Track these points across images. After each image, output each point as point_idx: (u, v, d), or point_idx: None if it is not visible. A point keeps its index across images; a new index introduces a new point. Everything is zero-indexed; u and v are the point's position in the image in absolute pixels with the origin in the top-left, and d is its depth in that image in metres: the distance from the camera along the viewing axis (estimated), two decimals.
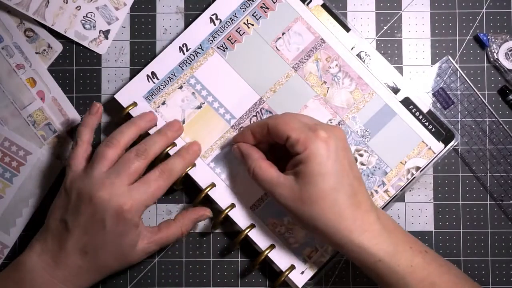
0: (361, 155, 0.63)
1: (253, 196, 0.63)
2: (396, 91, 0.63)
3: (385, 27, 0.66)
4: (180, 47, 0.63)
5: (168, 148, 0.62)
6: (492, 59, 0.65)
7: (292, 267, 0.62)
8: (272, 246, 0.62)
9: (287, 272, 0.61)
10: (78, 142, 0.59)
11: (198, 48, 0.63)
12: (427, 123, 0.63)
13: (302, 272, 0.62)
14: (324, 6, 0.63)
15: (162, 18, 0.66)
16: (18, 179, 0.65)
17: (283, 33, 0.63)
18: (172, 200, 0.65)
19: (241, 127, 0.63)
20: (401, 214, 0.65)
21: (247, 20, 0.64)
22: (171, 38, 0.66)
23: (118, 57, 0.66)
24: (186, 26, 0.65)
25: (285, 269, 0.62)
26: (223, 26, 0.63)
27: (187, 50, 0.63)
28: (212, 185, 0.62)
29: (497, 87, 0.65)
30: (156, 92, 0.63)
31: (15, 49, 0.65)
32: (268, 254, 0.62)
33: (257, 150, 0.59)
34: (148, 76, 0.63)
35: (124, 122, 0.63)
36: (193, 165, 0.62)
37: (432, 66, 0.65)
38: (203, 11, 0.64)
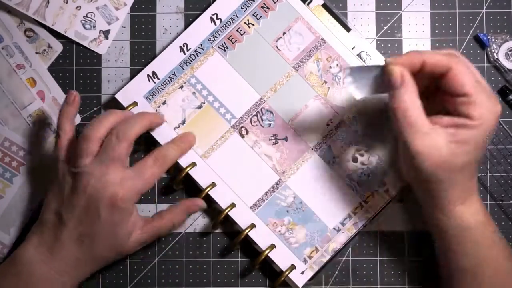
0: (362, 155, 0.63)
1: (254, 196, 0.63)
2: None
3: (385, 27, 0.66)
4: (180, 46, 0.63)
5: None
6: (492, 59, 0.65)
7: (292, 267, 0.62)
8: (272, 246, 0.62)
9: (287, 272, 0.61)
10: (60, 134, 0.59)
11: (199, 47, 0.63)
12: None
13: (302, 272, 0.62)
14: (324, 6, 0.63)
15: (162, 18, 0.66)
16: (18, 179, 0.65)
17: (284, 33, 0.63)
18: (172, 200, 0.65)
19: (242, 127, 0.63)
20: (401, 214, 0.65)
21: (248, 20, 0.64)
22: (171, 38, 0.66)
23: (118, 57, 0.66)
24: (186, 26, 0.65)
25: (285, 269, 0.62)
26: (224, 25, 0.63)
27: (187, 50, 0.63)
28: (212, 185, 0.62)
29: (497, 87, 0.65)
30: (157, 92, 0.63)
31: (15, 49, 0.65)
32: (268, 254, 0.62)
33: (415, 84, 0.53)
34: (148, 75, 0.63)
35: None
36: (193, 164, 0.62)
37: None
38: (203, 11, 0.64)
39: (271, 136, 0.63)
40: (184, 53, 0.64)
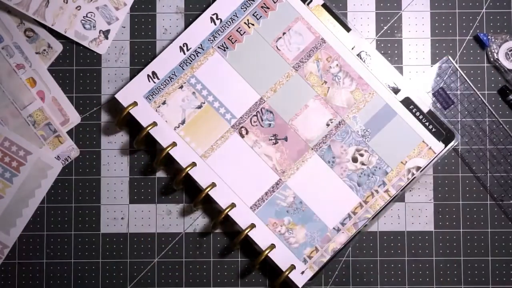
0: (362, 155, 0.63)
1: (254, 196, 0.63)
2: (396, 91, 0.63)
3: (385, 27, 0.66)
4: (180, 46, 0.63)
5: (169, 148, 0.62)
6: (492, 59, 0.65)
7: (292, 267, 0.62)
8: (272, 246, 0.62)
9: (287, 272, 0.61)
10: None
11: (199, 47, 0.63)
12: (427, 123, 0.63)
13: (302, 272, 0.62)
14: (324, 6, 0.63)
15: (162, 18, 0.66)
16: (18, 179, 0.65)
17: (284, 33, 0.63)
18: (172, 200, 0.65)
19: (242, 127, 0.63)
20: (401, 214, 0.65)
21: (248, 20, 0.64)
22: (171, 38, 0.66)
23: (118, 57, 0.66)
24: (186, 26, 0.65)
25: (285, 269, 0.62)
26: (224, 25, 0.63)
27: (187, 50, 0.63)
28: (212, 185, 0.62)
29: (497, 87, 0.65)
30: (157, 92, 0.63)
31: (15, 49, 0.65)
32: (268, 254, 0.62)
33: None
34: (148, 75, 0.63)
35: (124, 122, 0.63)
36: (193, 164, 0.62)
37: (432, 66, 0.65)
38: (203, 11, 0.64)
39: (271, 136, 0.63)
40: (184, 53, 0.64)
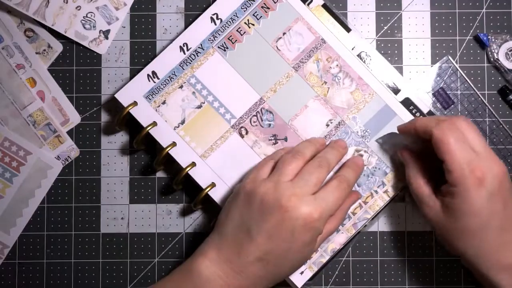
0: (361, 156, 0.63)
1: None
2: (396, 91, 0.63)
3: (385, 27, 0.66)
4: (180, 46, 0.63)
5: (169, 148, 0.62)
6: (492, 59, 0.65)
7: None
8: None
9: None
10: (297, 156, 0.58)
11: (199, 47, 0.63)
12: None
13: (302, 272, 0.62)
14: (324, 6, 0.63)
15: (162, 18, 0.66)
16: (18, 179, 0.65)
17: (284, 33, 0.63)
18: (172, 200, 0.65)
19: (242, 127, 0.63)
20: (401, 214, 0.65)
21: (248, 20, 0.64)
22: (171, 38, 0.66)
23: (118, 57, 0.66)
24: (186, 26, 0.65)
25: None
26: (224, 25, 0.63)
27: (187, 50, 0.63)
28: (212, 185, 0.62)
29: (497, 87, 0.65)
30: (157, 92, 0.63)
31: (15, 49, 0.65)
32: None
33: (417, 161, 0.58)
34: (148, 75, 0.63)
35: (123, 121, 0.63)
36: (192, 165, 0.62)
37: (432, 66, 0.65)
38: (203, 11, 0.64)
39: (271, 136, 0.63)
40: (184, 53, 0.63)
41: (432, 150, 0.55)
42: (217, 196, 0.62)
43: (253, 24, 0.64)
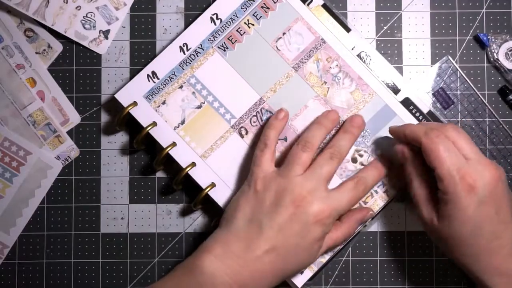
0: (361, 156, 0.63)
1: None
2: (396, 91, 0.63)
3: (385, 27, 0.66)
4: (180, 46, 0.63)
5: (169, 148, 0.62)
6: (492, 59, 0.65)
7: None
8: None
9: None
10: (267, 144, 0.59)
11: (199, 47, 0.63)
12: None
13: (302, 272, 0.62)
14: (324, 6, 0.63)
15: (162, 18, 0.66)
16: (18, 179, 0.65)
17: (284, 33, 0.63)
18: (172, 200, 0.65)
19: (241, 127, 0.63)
20: (401, 214, 0.65)
21: (248, 20, 0.64)
22: (171, 38, 0.66)
23: (118, 57, 0.66)
24: (186, 26, 0.65)
25: None
26: (224, 25, 0.63)
27: (187, 50, 0.63)
28: (212, 185, 0.62)
29: (497, 87, 0.65)
30: (157, 92, 0.63)
31: (15, 49, 0.65)
32: None
33: (416, 158, 0.57)
34: (148, 75, 0.63)
35: (123, 122, 0.64)
36: (192, 165, 0.62)
37: (432, 66, 0.65)
38: (203, 11, 0.64)
39: None
40: (184, 53, 0.63)
41: None
42: (217, 196, 0.62)
43: (253, 24, 0.64)
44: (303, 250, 0.55)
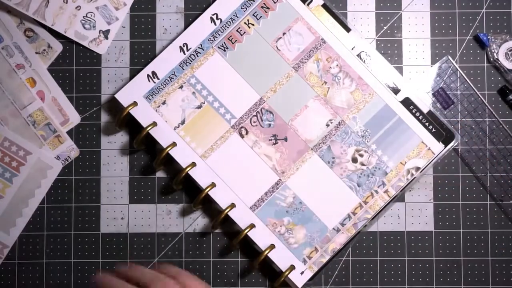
0: (361, 156, 0.63)
1: (253, 196, 0.63)
2: (396, 91, 0.63)
3: (385, 27, 0.66)
4: (180, 46, 0.63)
5: (169, 148, 0.62)
6: (492, 59, 0.65)
7: (292, 267, 0.62)
8: (272, 246, 0.62)
9: (287, 272, 0.61)
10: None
11: (199, 47, 0.63)
12: (427, 124, 0.63)
13: (302, 273, 0.62)
14: (324, 6, 0.63)
15: (162, 18, 0.66)
16: (18, 179, 0.65)
17: (284, 33, 0.63)
18: (172, 200, 0.65)
19: (242, 127, 0.63)
20: (401, 214, 0.65)
21: (248, 20, 0.64)
22: (171, 38, 0.66)
23: (118, 57, 0.66)
24: (186, 26, 0.65)
25: (285, 269, 0.62)
26: (224, 26, 0.63)
27: (187, 50, 0.63)
28: (212, 185, 0.62)
29: (497, 87, 0.65)
30: (157, 92, 0.63)
31: (15, 49, 0.65)
32: (268, 254, 0.62)
33: None
34: (148, 75, 0.63)
35: (123, 122, 0.64)
36: (193, 165, 0.62)
37: (432, 66, 0.65)
38: (203, 11, 0.64)
39: (271, 137, 0.63)
40: (184, 53, 0.63)
41: None
42: (217, 196, 0.62)
43: (253, 24, 0.64)
44: None
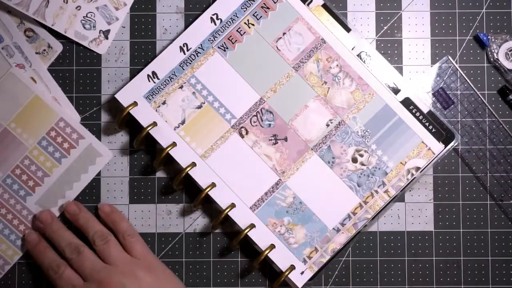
0: (361, 156, 0.63)
1: (253, 196, 0.63)
2: (396, 91, 0.63)
3: (385, 27, 0.66)
4: (180, 46, 0.63)
5: (169, 148, 0.62)
6: (492, 59, 0.65)
7: (292, 267, 0.62)
8: (272, 246, 0.62)
9: (287, 272, 0.61)
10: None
11: (199, 47, 0.63)
12: (427, 124, 0.63)
13: (302, 273, 0.62)
14: (324, 6, 0.63)
15: (162, 18, 0.66)
16: (67, 161, 0.65)
17: (284, 33, 0.63)
18: (172, 200, 0.65)
19: (242, 127, 0.63)
20: (401, 214, 0.65)
21: (248, 20, 0.64)
22: (171, 38, 0.66)
23: (118, 57, 0.66)
24: (186, 26, 0.65)
25: (285, 269, 0.62)
26: (224, 26, 0.63)
27: (187, 50, 0.63)
28: (212, 185, 0.62)
29: (497, 87, 0.65)
30: (157, 92, 0.63)
31: (15, 49, 0.65)
32: (268, 254, 0.62)
33: None
34: (148, 75, 0.63)
35: (123, 122, 0.64)
36: (193, 165, 0.62)
37: (432, 66, 0.65)
38: (203, 11, 0.64)
39: (271, 137, 0.63)
40: (184, 53, 0.64)
41: None
42: (217, 196, 0.62)
43: (253, 24, 0.64)
44: None
